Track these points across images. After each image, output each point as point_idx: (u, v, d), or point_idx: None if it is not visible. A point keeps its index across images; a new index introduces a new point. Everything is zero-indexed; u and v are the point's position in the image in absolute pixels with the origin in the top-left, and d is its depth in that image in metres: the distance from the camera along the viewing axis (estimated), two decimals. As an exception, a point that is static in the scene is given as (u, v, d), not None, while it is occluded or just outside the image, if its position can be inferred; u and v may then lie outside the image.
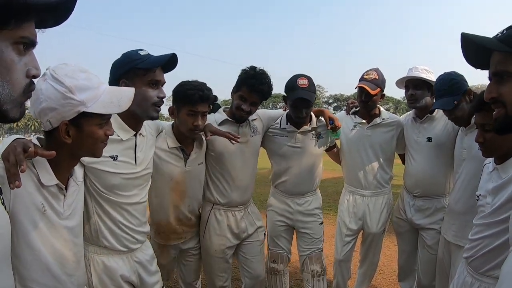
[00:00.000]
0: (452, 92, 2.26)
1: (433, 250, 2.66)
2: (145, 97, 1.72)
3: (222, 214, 2.49)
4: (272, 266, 2.82)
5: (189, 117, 2.10)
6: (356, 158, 2.85)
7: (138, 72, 1.71)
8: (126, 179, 1.76)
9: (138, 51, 1.75)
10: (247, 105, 2.33)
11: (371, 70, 2.75)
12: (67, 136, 1.27)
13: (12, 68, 0.74)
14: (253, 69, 2.34)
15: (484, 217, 1.60)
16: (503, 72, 0.97)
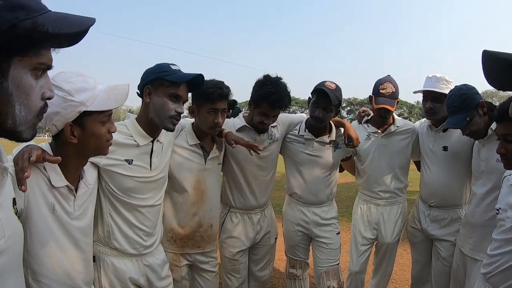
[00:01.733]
0: (464, 108, 2.16)
1: (447, 262, 2.59)
2: (163, 108, 1.80)
3: (238, 217, 2.52)
4: (291, 271, 2.85)
5: (209, 115, 2.13)
6: (371, 168, 2.78)
7: (164, 83, 1.80)
8: (141, 182, 1.83)
9: (170, 65, 1.84)
10: (269, 120, 2.34)
11: (386, 83, 2.63)
12: (72, 136, 1.36)
13: (30, 93, 0.79)
14: (271, 82, 2.30)
15: (504, 231, 1.54)
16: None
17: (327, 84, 2.45)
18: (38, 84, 0.82)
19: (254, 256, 2.66)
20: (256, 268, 2.68)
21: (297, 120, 2.71)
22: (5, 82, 0.74)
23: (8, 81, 0.74)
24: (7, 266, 0.94)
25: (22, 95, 0.78)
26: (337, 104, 2.45)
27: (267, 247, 2.66)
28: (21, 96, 0.78)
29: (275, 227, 2.73)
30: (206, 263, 2.35)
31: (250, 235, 2.53)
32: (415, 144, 2.79)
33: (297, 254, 2.81)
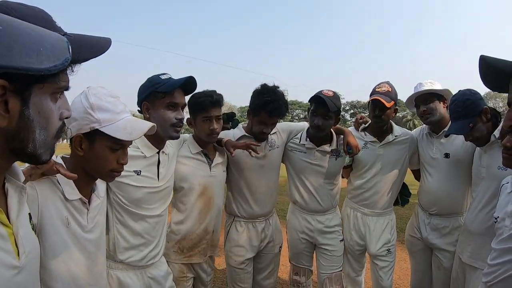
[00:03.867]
0: (467, 114, 2.16)
1: (449, 272, 2.57)
2: (163, 118, 1.86)
3: (242, 226, 2.56)
4: (295, 278, 2.88)
5: (204, 123, 2.20)
6: (366, 178, 2.73)
7: (158, 95, 1.86)
8: (149, 193, 1.88)
9: (160, 75, 1.89)
10: (268, 128, 2.39)
11: (382, 83, 2.66)
12: (79, 148, 1.37)
13: (50, 117, 0.81)
14: (268, 92, 2.34)
15: (502, 241, 1.56)
16: None
17: (324, 92, 2.47)
18: (56, 106, 0.84)
19: (258, 265, 2.68)
20: (261, 277, 2.70)
21: (298, 128, 2.73)
22: (27, 110, 0.75)
23: (30, 108, 0.76)
24: (28, 282, 0.95)
25: (42, 120, 0.79)
26: (336, 111, 2.46)
27: (271, 255, 2.68)
28: (42, 121, 0.79)
29: (280, 236, 2.75)
30: (206, 271, 2.39)
31: (255, 244, 2.56)
32: (414, 153, 2.78)
33: (301, 261, 2.84)
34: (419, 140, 2.76)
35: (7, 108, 0.71)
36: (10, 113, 0.72)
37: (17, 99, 0.72)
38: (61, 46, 0.73)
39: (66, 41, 0.74)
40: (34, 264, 1.02)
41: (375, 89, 2.65)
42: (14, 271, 0.87)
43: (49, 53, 0.71)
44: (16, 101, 0.72)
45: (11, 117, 0.73)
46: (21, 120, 0.75)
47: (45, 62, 0.69)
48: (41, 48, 0.69)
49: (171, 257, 2.23)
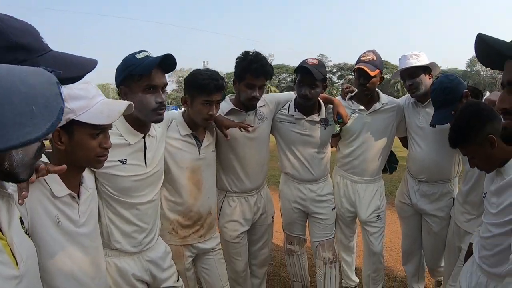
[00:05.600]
0: (448, 102, 2.20)
1: (439, 236, 2.67)
2: (142, 103, 1.72)
3: (235, 201, 2.54)
4: (289, 248, 2.95)
5: (204, 107, 2.08)
6: (354, 146, 2.75)
7: (134, 78, 1.70)
8: (137, 180, 1.80)
9: (135, 55, 1.72)
10: (257, 92, 2.31)
11: (367, 52, 2.65)
12: (59, 142, 1.31)
13: None
14: (251, 55, 2.29)
15: (490, 216, 1.58)
16: None
17: (308, 61, 2.45)
18: None
19: (252, 237, 2.71)
20: (255, 248, 2.75)
21: (285, 98, 2.70)
22: None
23: None
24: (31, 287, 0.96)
25: None
26: (322, 79, 2.44)
27: (264, 226, 2.72)
28: None
29: (272, 207, 2.77)
30: (211, 251, 2.35)
31: (248, 217, 2.57)
32: (401, 121, 2.79)
33: (295, 231, 2.89)
34: (406, 108, 2.77)
35: None
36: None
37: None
38: (53, 93, 0.67)
39: (56, 83, 0.68)
40: (34, 269, 1.03)
41: (360, 58, 2.64)
42: (15, 281, 0.87)
43: (42, 110, 0.65)
44: None
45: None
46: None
47: (41, 125, 0.63)
48: (33, 107, 0.63)
49: (166, 238, 2.20)
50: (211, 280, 2.38)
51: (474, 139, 1.65)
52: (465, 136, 1.69)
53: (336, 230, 2.94)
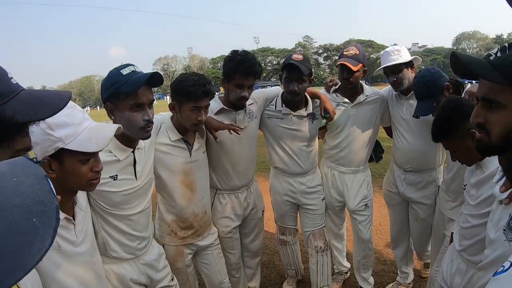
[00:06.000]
0: (430, 94, 2.27)
1: (426, 222, 2.77)
2: (130, 122, 1.69)
3: (225, 198, 2.59)
4: (282, 238, 3.07)
5: (192, 113, 2.08)
6: (340, 138, 2.80)
7: (120, 96, 1.66)
8: (128, 194, 1.83)
9: (121, 70, 1.67)
10: (246, 91, 2.32)
11: (350, 46, 2.68)
12: (50, 170, 1.29)
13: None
14: (239, 54, 2.30)
15: (470, 208, 1.66)
16: (493, 100, 0.94)
17: (294, 57, 2.48)
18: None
19: (244, 230, 2.78)
20: (247, 241, 2.83)
21: (273, 94, 2.72)
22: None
23: None
24: None
25: None
26: (308, 73, 2.48)
27: (255, 220, 2.78)
28: None
29: (261, 201, 2.83)
30: (209, 247, 2.42)
31: (239, 213, 2.63)
32: (384, 111, 2.84)
33: (286, 222, 2.98)
34: (389, 100, 2.82)
35: None
36: None
37: None
38: (45, 192, 0.60)
39: (44, 177, 0.61)
40: None
41: (343, 53, 2.66)
42: None
43: (42, 219, 0.54)
44: None
45: None
46: None
47: (45, 236, 0.53)
48: (34, 220, 0.53)
49: (165, 239, 2.26)
50: (211, 274, 2.46)
51: (455, 134, 1.72)
52: (446, 131, 1.76)
53: (326, 219, 3.01)
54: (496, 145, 0.97)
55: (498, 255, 1.20)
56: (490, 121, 0.97)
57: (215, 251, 2.47)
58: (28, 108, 0.76)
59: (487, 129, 0.98)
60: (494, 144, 0.98)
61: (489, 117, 0.97)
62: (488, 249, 1.29)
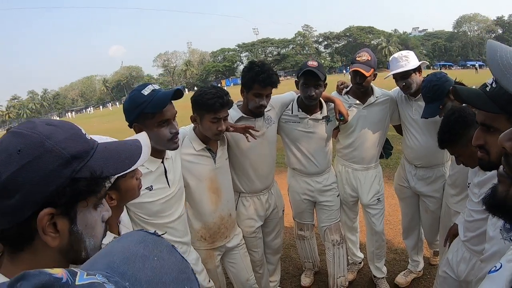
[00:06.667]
0: (436, 98, 2.43)
1: (435, 214, 2.96)
2: (158, 137, 1.84)
3: (248, 200, 2.75)
4: (300, 233, 3.28)
5: (213, 124, 2.20)
6: (353, 138, 2.97)
7: (147, 116, 1.79)
8: (165, 202, 1.99)
9: (141, 91, 1.78)
10: (264, 100, 2.46)
11: (362, 52, 2.81)
12: (111, 201, 1.36)
13: (95, 225, 0.85)
14: (257, 65, 2.42)
15: (473, 204, 1.84)
16: (490, 126, 1.09)
17: (310, 64, 2.61)
18: (98, 213, 0.86)
19: (266, 229, 2.95)
20: (269, 239, 3.00)
21: (289, 99, 2.86)
22: (75, 226, 0.79)
23: (77, 224, 0.79)
24: None
25: (89, 230, 0.83)
26: (324, 78, 2.62)
27: (276, 219, 2.96)
28: (89, 231, 0.83)
29: (282, 201, 3.00)
30: (236, 247, 2.61)
31: (261, 214, 2.79)
32: (394, 111, 3.01)
33: (304, 218, 3.17)
34: (398, 101, 2.98)
35: (57, 229, 0.76)
36: (60, 232, 0.76)
37: (65, 219, 0.77)
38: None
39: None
40: None
41: (355, 58, 2.80)
42: None
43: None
44: (64, 221, 0.77)
45: (62, 236, 0.77)
46: (71, 236, 0.79)
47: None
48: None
49: (196, 244, 2.40)
50: (238, 272, 2.65)
51: (459, 142, 1.88)
52: (451, 140, 1.92)
53: (341, 213, 3.19)
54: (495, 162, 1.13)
55: (496, 250, 1.42)
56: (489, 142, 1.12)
57: (241, 251, 2.65)
58: (110, 162, 0.84)
59: (487, 149, 1.14)
60: (493, 162, 1.14)
61: (488, 139, 1.12)
62: (487, 244, 1.50)
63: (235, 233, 2.62)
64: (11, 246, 0.77)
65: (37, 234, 0.74)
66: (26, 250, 0.76)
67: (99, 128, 25.71)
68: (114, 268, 0.47)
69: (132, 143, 0.95)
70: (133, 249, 0.52)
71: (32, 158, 0.71)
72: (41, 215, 0.72)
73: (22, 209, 0.71)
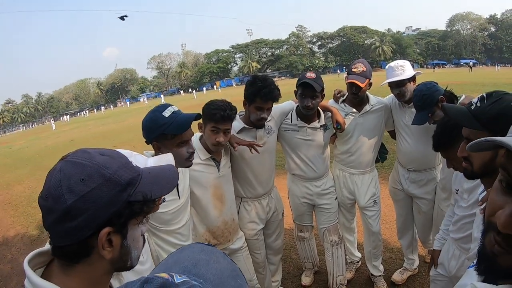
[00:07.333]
0: (425, 107, 2.57)
1: (428, 215, 3.14)
2: (176, 156, 1.90)
3: (250, 205, 2.90)
4: (300, 235, 3.43)
5: (212, 133, 2.34)
6: (349, 144, 3.11)
7: (167, 137, 1.92)
8: (175, 212, 2.14)
9: (163, 113, 1.90)
10: (265, 113, 2.59)
11: (358, 63, 2.93)
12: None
13: (140, 239, 0.96)
14: (259, 79, 2.55)
15: (462, 209, 2.00)
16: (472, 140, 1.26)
17: (307, 75, 2.75)
18: (141, 228, 0.96)
19: (267, 231, 3.10)
20: (270, 240, 3.15)
21: (288, 108, 3.00)
22: (126, 241, 0.89)
23: (127, 239, 0.90)
24: None
25: (135, 243, 0.93)
26: (320, 90, 2.75)
27: (276, 222, 3.11)
28: (135, 244, 0.93)
29: (281, 204, 3.15)
30: (239, 250, 2.75)
31: (262, 217, 2.94)
32: (388, 117, 3.16)
33: (304, 220, 3.33)
34: (393, 108, 3.13)
35: (112, 244, 0.86)
36: (114, 247, 0.87)
37: (119, 236, 0.87)
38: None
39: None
40: None
41: (351, 69, 2.94)
42: None
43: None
44: (117, 237, 0.87)
45: (115, 249, 0.87)
46: (122, 249, 0.89)
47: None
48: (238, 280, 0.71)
49: None
50: None
51: (454, 146, 1.98)
52: (446, 144, 2.05)
53: (339, 215, 3.35)
54: (477, 172, 1.29)
55: None
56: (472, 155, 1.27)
57: (244, 253, 2.79)
58: (156, 186, 0.93)
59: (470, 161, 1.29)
60: (476, 172, 1.30)
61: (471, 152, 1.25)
62: (473, 243, 1.66)
63: (238, 236, 2.76)
64: (68, 260, 0.86)
65: (95, 249, 0.84)
66: (82, 262, 0.86)
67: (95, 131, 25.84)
68: (188, 271, 0.62)
69: (169, 168, 1.05)
70: (197, 256, 0.66)
71: (95, 186, 0.81)
72: (102, 234, 0.83)
73: (84, 229, 0.81)
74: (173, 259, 0.67)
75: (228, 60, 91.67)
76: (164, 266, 0.66)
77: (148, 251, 1.86)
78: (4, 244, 6.23)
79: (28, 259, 0.85)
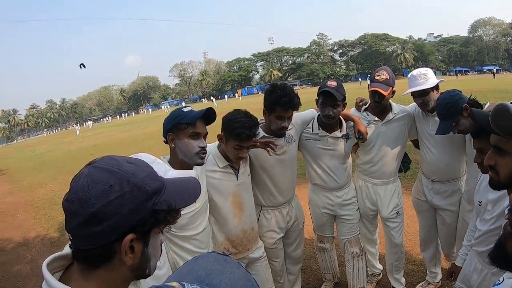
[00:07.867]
0: (449, 115, 2.49)
1: (452, 227, 3.05)
2: (188, 147, 2.04)
3: (270, 213, 2.88)
4: (320, 246, 3.38)
5: (235, 150, 2.35)
6: (372, 153, 3.05)
7: (181, 127, 2.03)
8: (191, 216, 2.13)
9: (182, 109, 2.07)
10: (286, 122, 2.57)
11: (381, 71, 2.88)
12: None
13: (159, 247, 0.98)
14: (279, 88, 2.53)
15: (485, 222, 1.94)
16: (500, 148, 1.21)
17: (328, 84, 2.71)
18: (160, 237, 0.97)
19: (287, 240, 3.07)
20: (290, 249, 3.12)
21: (309, 117, 2.96)
22: (147, 249, 0.90)
23: (148, 247, 0.91)
24: None
25: (155, 252, 0.94)
26: (342, 99, 2.71)
27: (297, 231, 3.08)
28: (155, 253, 0.94)
29: (302, 214, 3.12)
30: (259, 259, 2.72)
31: (282, 226, 2.92)
32: (411, 127, 3.08)
33: (325, 231, 3.28)
34: (416, 116, 3.05)
35: (133, 251, 0.87)
36: (135, 253, 0.87)
37: (141, 243, 0.88)
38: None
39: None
40: None
41: (374, 77, 2.89)
42: None
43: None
44: (139, 244, 0.88)
45: (136, 256, 0.88)
46: (143, 256, 0.90)
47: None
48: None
49: None
50: (259, 283, 2.71)
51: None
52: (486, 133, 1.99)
53: (361, 226, 3.30)
54: (504, 183, 1.24)
55: None
56: (499, 163, 1.23)
57: (264, 263, 2.77)
58: (180, 196, 0.95)
59: (497, 170, 1.25)
60: (502, 182, 1.25)
61: (498, 160, 1.23)
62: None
63: (257, 245, 2.74)
64: (89, 264, 0.86)
65: (117, 254, 0.85)
66: (102, 267, 0.86)
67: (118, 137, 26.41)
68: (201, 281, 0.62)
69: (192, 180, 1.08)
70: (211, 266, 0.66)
71: (122, 193, 0.82)
72: (126, 240, 0.84)
73: (109, 234, 0.82)
74: (187, 269, 0.68)
75: (250, 68, 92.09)
76: (178, 275, 0.67)
77: (164, 255, 1.86)
78: (24, 245, 6.38)
79: (46, 263, 0.86)
